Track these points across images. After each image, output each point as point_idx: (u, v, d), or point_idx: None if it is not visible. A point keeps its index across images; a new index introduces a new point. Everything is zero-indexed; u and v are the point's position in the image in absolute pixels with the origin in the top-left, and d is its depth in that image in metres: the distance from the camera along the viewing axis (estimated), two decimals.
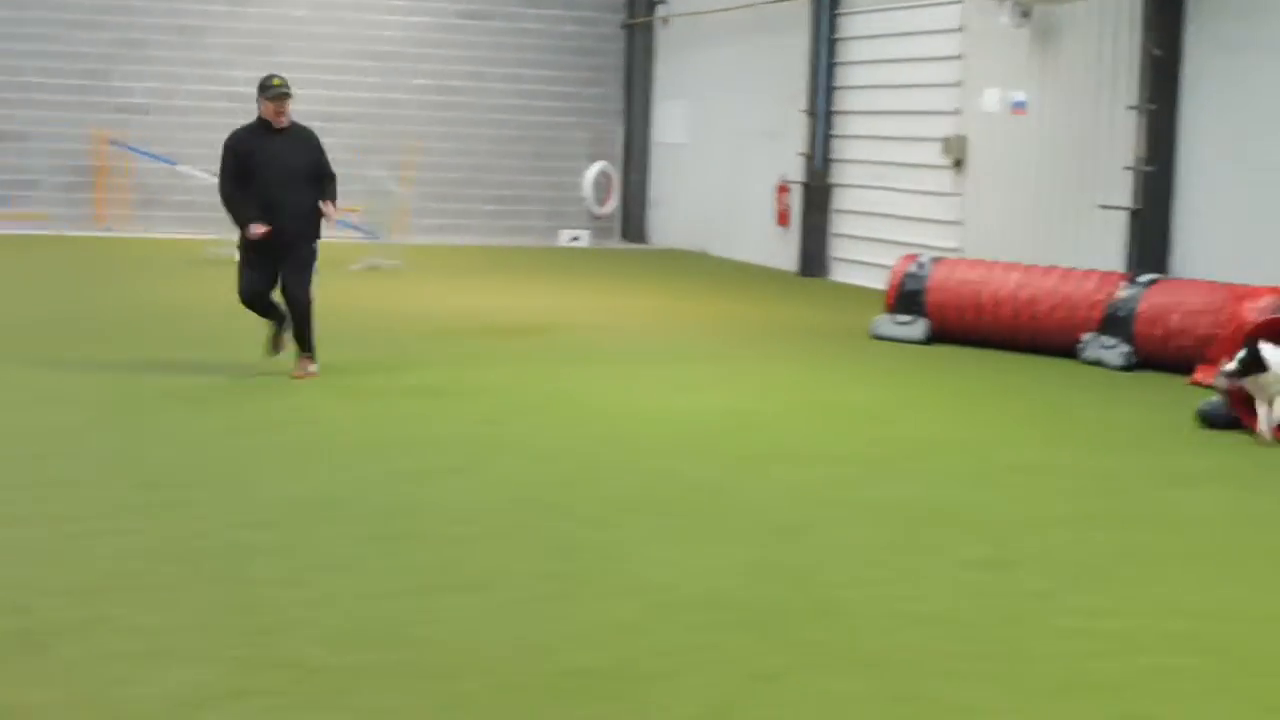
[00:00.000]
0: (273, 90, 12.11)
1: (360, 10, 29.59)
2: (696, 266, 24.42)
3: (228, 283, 12.47)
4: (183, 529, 7.31)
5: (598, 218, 29.21)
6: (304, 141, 12.34)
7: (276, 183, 11.90)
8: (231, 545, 7.03)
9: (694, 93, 27.87)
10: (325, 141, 12.55)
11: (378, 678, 5.39)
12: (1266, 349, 10.29)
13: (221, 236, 23.33)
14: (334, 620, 5.98)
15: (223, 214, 12.76)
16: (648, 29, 29.72)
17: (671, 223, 28.86)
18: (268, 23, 29.21)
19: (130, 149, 27.71)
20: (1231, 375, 10.34)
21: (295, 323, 12.03)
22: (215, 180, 12.51)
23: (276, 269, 11.95)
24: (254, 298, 12.08)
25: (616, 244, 28.88)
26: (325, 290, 18.08)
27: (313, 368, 12.04)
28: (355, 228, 24.43)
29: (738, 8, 25.53)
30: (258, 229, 11.75)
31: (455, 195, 29.62)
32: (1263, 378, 10.28)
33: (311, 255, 12.15)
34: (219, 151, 12.38)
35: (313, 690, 5.29)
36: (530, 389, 11.93)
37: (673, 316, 17.13)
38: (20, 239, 24.88)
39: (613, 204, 29.30)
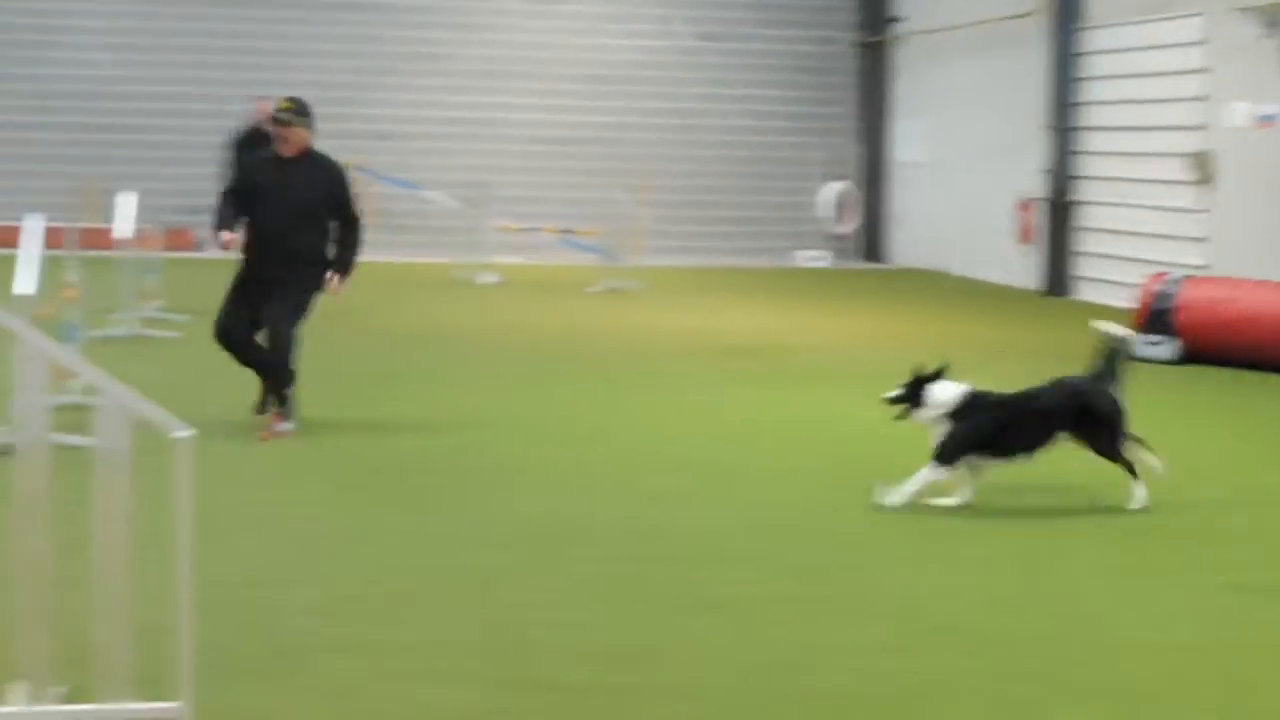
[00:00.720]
0: (275, 115, 10.70)
1: (595, 35, 29.93)
2: (936, 286, 24.25)
3: (473, 304, 12.66)
4: (429, 549, 7.48)
5: (838, 237, 29.18)
6: (320, 174, 10.63)
7: (273, 215, 10.40)
8: (479, 566, 7.17)
9: (932, 110, 27.69)
10: (562, 164, 12.42)
11: (635, 698, 5.46)
12: (939, 386, 8.79)
13: (464, 260, 23.88)
14: (587, 641, 6.07)
15: (464, 238, 12.95)
16: (882, 47, 29.59)
17: (911, 242, 28.70)
18: (505, 49, 29.68)
19: (375, 175, 28.32)
20: (890, 401, 8.91)
21: (269, 365, 10.39)
22: (458, 205, 12.76)
23: (258, 308, 10.37)
24: (225, 332, 10.43)
25: (856, 264, 28.78)
26: (565, 312, 18.37)
27: (284, 426, 10.26)
28: (592, 249, 24.70)
29: (974, 24, 25.31)
30: (225, 236, 10.40)
31: (690, 217, 29.79)
32: (919, 414, 8.74)
33: (304, 298, 10.52)
34: (460, 177, 12.38)
35: (574, 711, 5.37)
36: (765, 411, 11.95)
37: (909, 337, 17.01)
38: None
39: (854, 223, 29.26)
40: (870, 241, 29.78)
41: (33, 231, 9.15)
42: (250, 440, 10.05)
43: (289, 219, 10.41)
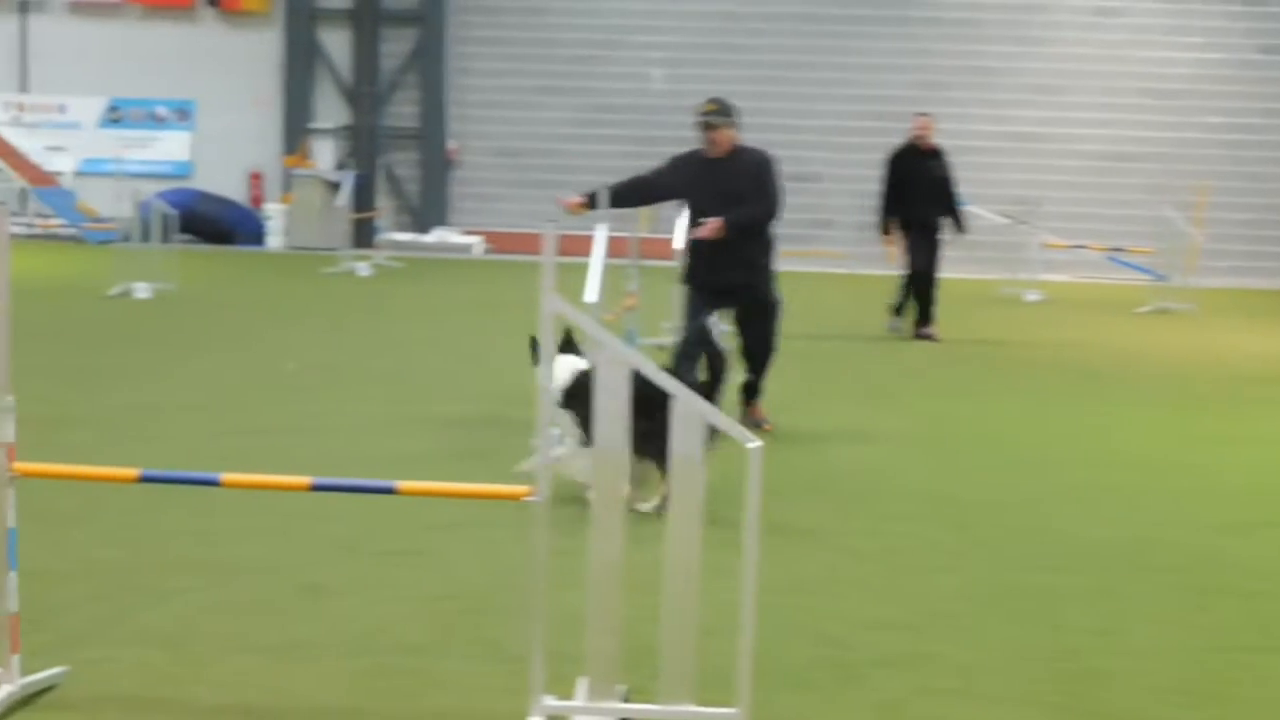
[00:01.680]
0: (701, 119, 10.64)
1: (1151, 49, 29.05)
2: None
3: (1018, 321, 12.43)
4: (994, 570, 7.35)
5: None
6: (748, 165, 10.65)
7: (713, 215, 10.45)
8: (1042, 589, 7.00)
9: None
10: (1112, 180, 12.27)
11: None
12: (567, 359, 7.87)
13: (1007, 276, 23.55)
14: (1157, 674, 5.83)
15: (1010, 254, 12.80)
16: None
17: None
18: (1058, 62, 29.16)
19: None
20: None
21: (754, 371, 10.91)
22: (1006, 221, 12.73)
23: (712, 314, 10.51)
24: (690, 337, 10.48)
25: None
26: (1112, 332, 17.87)
27: (765, 424, 10.83)
28: (1142, 269, 23.95)
29: None
30: (566, 200, 10.65)
31: (1247, 236, 28.56)
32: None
33: (772, 306, 10.94)
34: (1007, 192, 12.42)
35: None
36: None
37: None
38: (816, 276, 25.90)
39: None
40: None
41: (599, 241, 9.54)
42: (794, 451, 10.16)
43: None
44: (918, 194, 16.64)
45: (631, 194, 10.83)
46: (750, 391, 11.11)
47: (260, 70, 30.99)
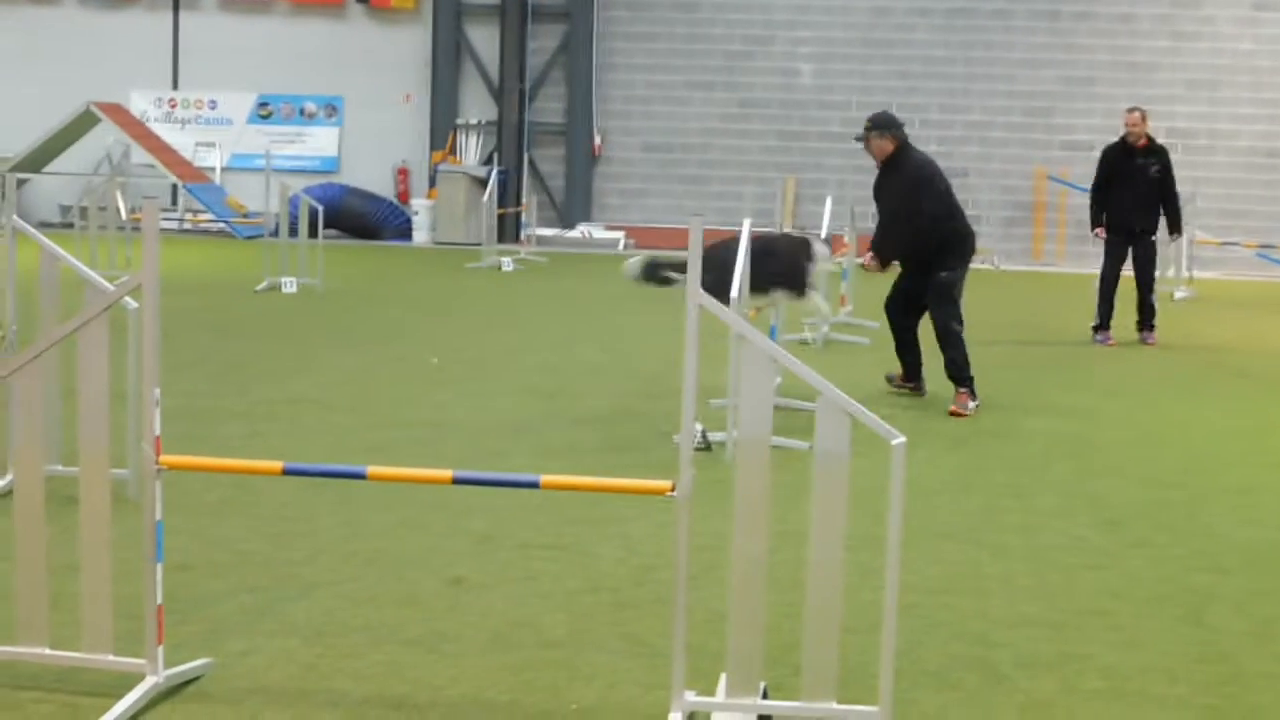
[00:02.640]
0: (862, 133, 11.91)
1: None
2: None
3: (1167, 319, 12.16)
4: (1146, 570, 7.21)
5: None
6: (896, 179, 11.64)
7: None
8: (1194, 589, 6.85)
9: None
10: (1267, 177, 11.98)
11: None
12: None
13: (1159, 274, 23.16)
14: None
15: (1161, 252, 12.51)
16: None
17: None
18: (1211, 58, 28.65)
19: (1070, 185, 27.92)
20: None
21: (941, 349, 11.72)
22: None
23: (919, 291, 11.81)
24: (887, 304, 12.17)
25: None
26: (1263, 330, 17.50)
27: (970, 405, 11.44)
28: None
29: None
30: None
31: None
32: None
33: (948, 283, 11.73)
34: None
35: None
36: None
37: None
38: None
39: None
40: None
41: (744, 236, 9.51)
42: (937, 448, 10.05)
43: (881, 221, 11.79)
44: (1125, 194, 16.14)
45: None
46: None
47: (408, 66, 31.28)
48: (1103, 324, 16.30)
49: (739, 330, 4.67)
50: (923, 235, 11.50)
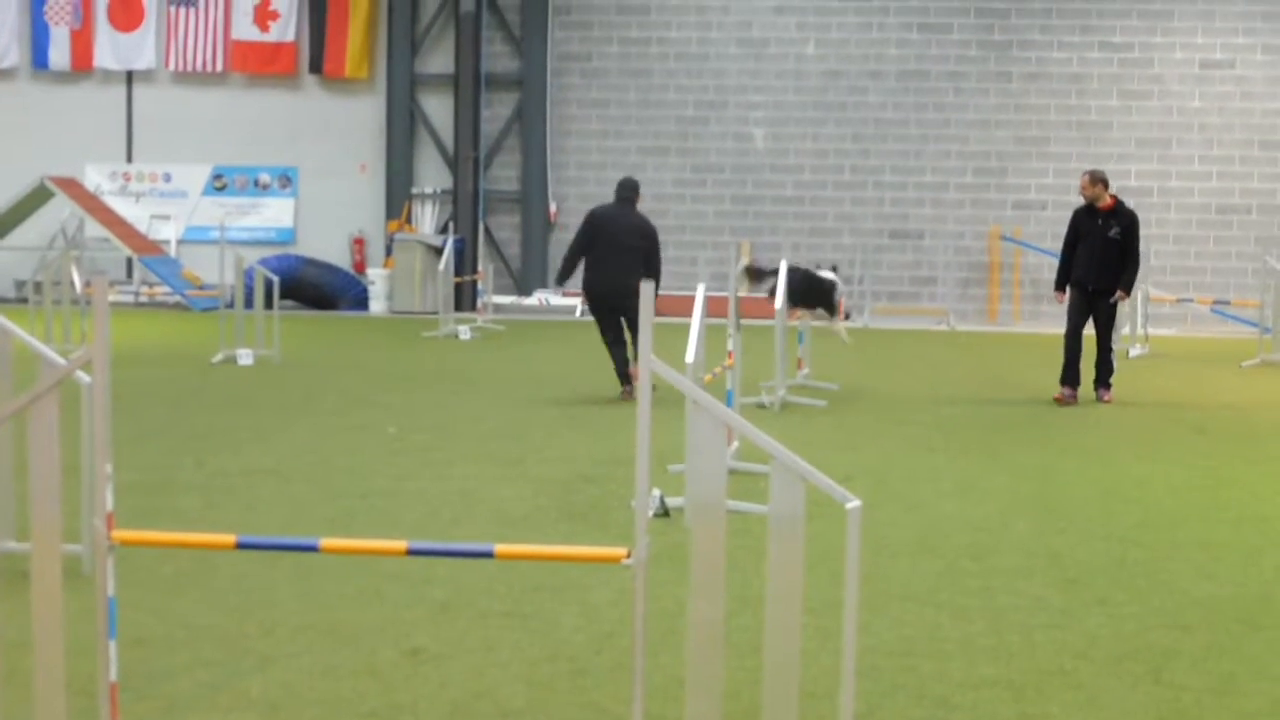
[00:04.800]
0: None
1: (1257, 100, 28.80)
2: None
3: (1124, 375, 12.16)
4: (1106, 628, 7.20)
5: None
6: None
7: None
8: (1152, 647, 6.85)
9: None
10: (1220, 234, 12.21)
11: None
12: None
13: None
14: None
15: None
16: None
17: None
18: (1164, 115, 28.95)
19: (1024, 244, 28.13)
20: None
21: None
22: None
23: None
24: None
25: None
26: (1217, 387, 17.62)
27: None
28: (1249, 323, 23.63)
29: None
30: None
31: None
32: None
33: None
34: None
35: None
36: None
37: None
38: (917, 334, 25.77)
39: None
40: None
41: (698, 300, 9.52)
42: (896, 509, 10.05)
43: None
44: (1084, 253, 16.21)
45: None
46: None
47: (362, 136, 31.33)
48: (1065, 381, 16.35)
49: (692, 396, 4.67)
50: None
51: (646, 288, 4.51)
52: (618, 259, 15.35)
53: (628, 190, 16.02)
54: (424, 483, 10.75)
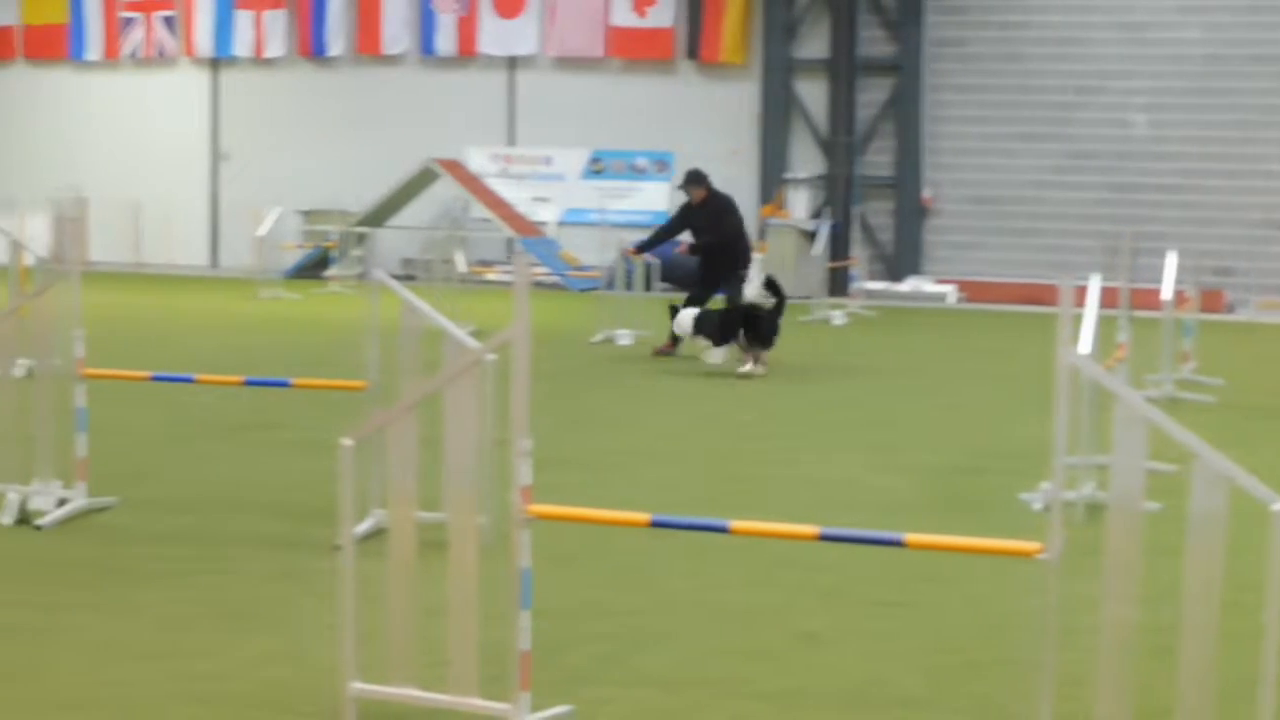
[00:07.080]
0: None
1: None
2: None
3: None
4: None
5: None
6: None
7: None
8: None
9: None
10: None
11: None
12: None
13: None
14: None
15: None
16: None
17: None
18: None
19: None
20: None
21: None
22: None
23: None
24: None
25: None
26: None
27: None
28: None
29: None
30: None
31: None
32: None
33: None
34: None
35: None
36: None
37: None
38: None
39: None
40: None
41: (1091, 291, 9.32)
42: None
43: None
44: None
45: None
46: None
47: (737, 121, 31.54)
48: None
49: (1116, 392, 4.58)
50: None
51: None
52: None
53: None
54: (797, 468, 10.77)
